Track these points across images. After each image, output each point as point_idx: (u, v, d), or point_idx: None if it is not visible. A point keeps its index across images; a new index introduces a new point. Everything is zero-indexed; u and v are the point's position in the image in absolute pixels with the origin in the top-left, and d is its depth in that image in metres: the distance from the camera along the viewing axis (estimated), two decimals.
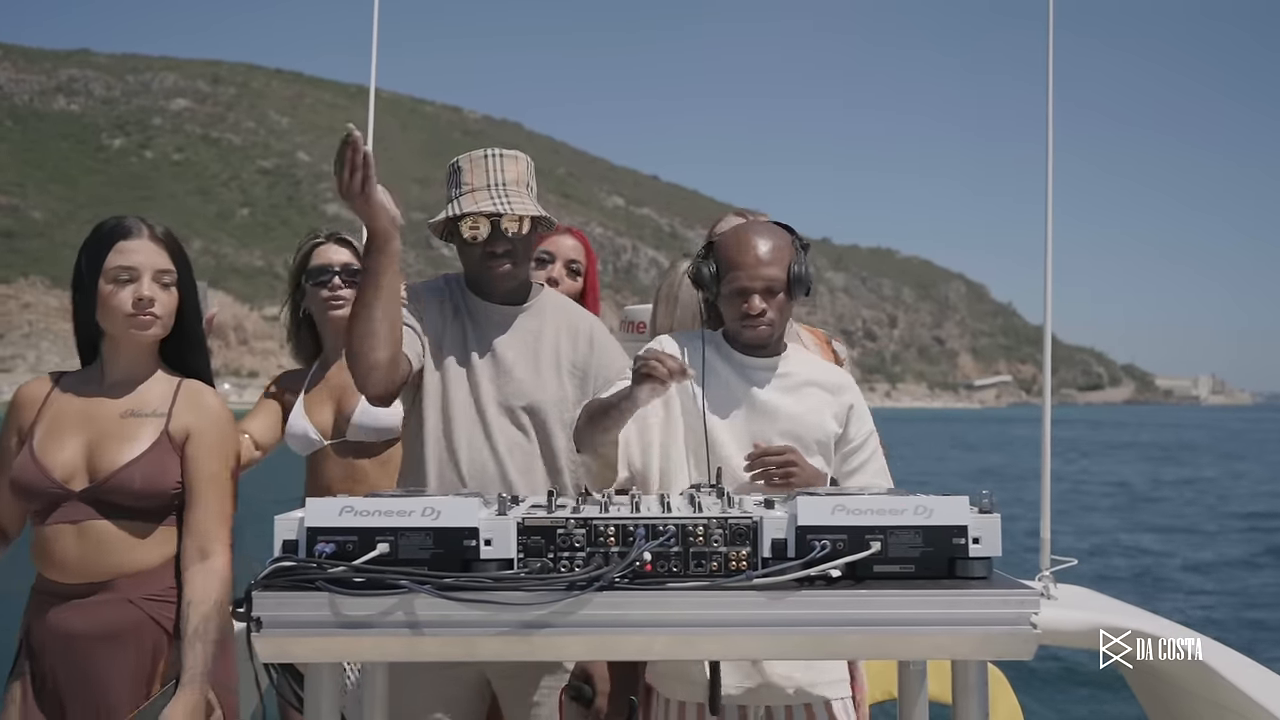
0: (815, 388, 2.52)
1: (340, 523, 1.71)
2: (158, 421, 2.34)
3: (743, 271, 2.41)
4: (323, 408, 3.13)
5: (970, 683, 1.79)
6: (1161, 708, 3.57)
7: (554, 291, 2.76)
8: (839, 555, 1.70)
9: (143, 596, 2.28)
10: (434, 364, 2.54)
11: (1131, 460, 54.97)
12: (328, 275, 3.12)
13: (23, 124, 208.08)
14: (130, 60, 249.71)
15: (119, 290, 2.30)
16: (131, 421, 2.33)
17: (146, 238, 2.33)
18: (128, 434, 2.31)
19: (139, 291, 2.30)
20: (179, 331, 2.41)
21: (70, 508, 2.26)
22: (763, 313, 2.42)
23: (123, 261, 2.30)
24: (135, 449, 2.30)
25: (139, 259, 2.31)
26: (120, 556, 2.27)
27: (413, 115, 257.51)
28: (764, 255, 2.41)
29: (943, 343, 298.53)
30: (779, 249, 2.43)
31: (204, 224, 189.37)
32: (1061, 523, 5.76)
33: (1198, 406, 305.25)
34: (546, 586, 1.67)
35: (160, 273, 2.33)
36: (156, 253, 2.33)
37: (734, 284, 2.43)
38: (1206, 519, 28.01)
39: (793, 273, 2.43)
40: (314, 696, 1.82)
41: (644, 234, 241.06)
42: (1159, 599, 16.17)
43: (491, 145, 2.97)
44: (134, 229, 2.32)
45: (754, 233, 2.45)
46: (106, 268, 2.30)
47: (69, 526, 2.26)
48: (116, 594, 2.25)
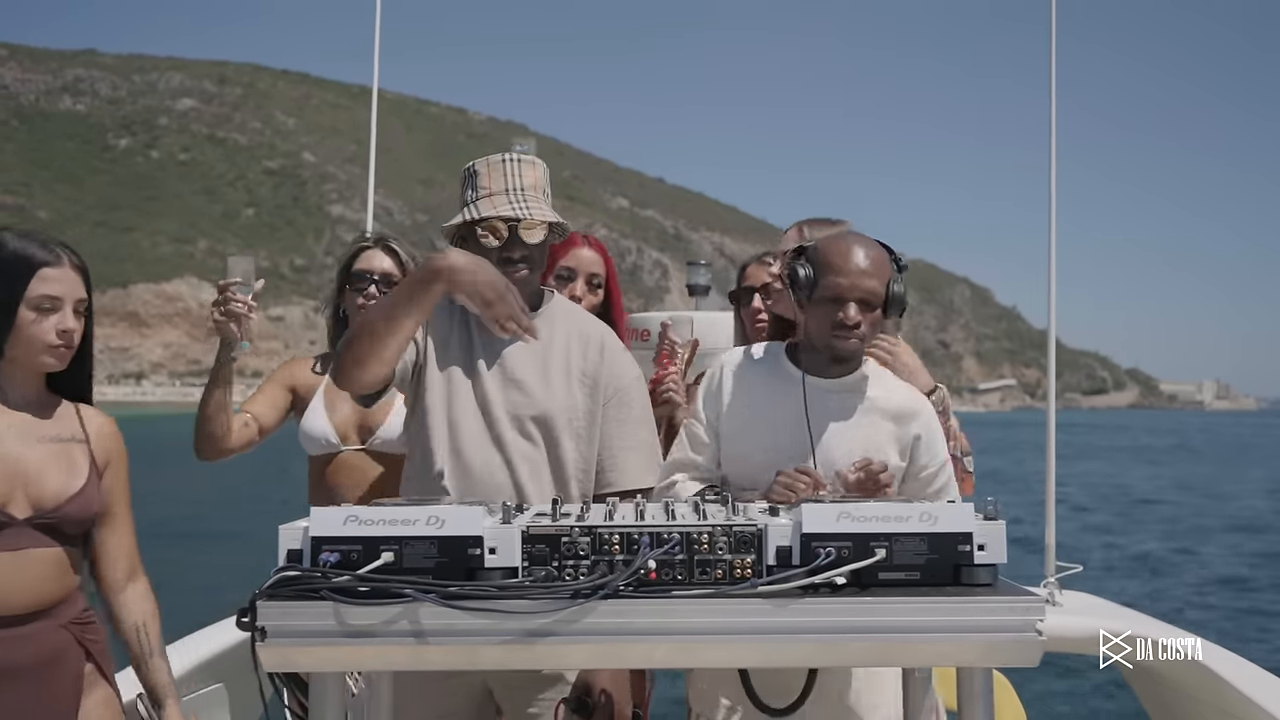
0: (881, 417, 2.44)
1: (345, 532, 1.71)
2: (83, 448, 2.32)
3: (844, 279, 2.34)
4: (343, 411, 3.10)
5: (976, 690, 1.78)
6: (1163, 709, 3.57)
7: (564, 298, 2.71)
8: (844, 562, 1.69)
9: (71, 620, 2.27)
10: (440, 370, 2.51)
11: (1133, 464, 55.04)
12: (365, 282, 3.11)
13: (29, 124, 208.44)
14: (136, 60, 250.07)
15: (41, 319, 2.24)
16: (61, 447, 2.29)
17: (69, 266, 2.28)
18: (64, 462, 2.28)
19: (63, 323, 2.26)
20: (76, 358, 2.36)
21: (11, 534, 2.19)
22: (858, 324, 2.35)
23: (47, 290, 2.24)
24: (77, 477, 2.28)
25: (62, 289, 2.26)
26: (55, 583, 2.24)
27: (418, 116, 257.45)
28: (866, 266, 2.35)
29: (947, 346, 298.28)
30: (881, 263, 2.37)
31: (209, 224, 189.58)
32: (1068, 521, 5.66)
33: (1202, 411, 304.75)
34: (551, 595, 1.67)
35: (79, 302, 2.30)
36: (76, 282, 2.29)
37: (831, 290, 2.36)
38: (1208, 523, 28.04)
39: (891, 291, 2.37)
40: (318, 706, 1.81)
41: (648, 236, 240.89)
42: (1162, 599, 16.21)
43: (495, 147, 2.96)
44: (58, 257, 2.27)
45: (858, 243, 2.38)
46: (29, 295, 2.23)
47: (6, 554, 2.17)
48: (51, 621, 2.23)
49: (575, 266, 3.11)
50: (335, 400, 3.12)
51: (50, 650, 2.23)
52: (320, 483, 3.10)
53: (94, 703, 2.30)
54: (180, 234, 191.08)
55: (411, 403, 2.57)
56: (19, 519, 2.19)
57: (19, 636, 2.20)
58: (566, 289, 3.05)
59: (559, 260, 3.09)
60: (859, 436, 2.41)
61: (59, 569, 2.25)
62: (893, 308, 2.38)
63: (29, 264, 2.23)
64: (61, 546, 2.25)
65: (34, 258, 2.24)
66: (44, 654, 2.22)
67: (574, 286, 3.09)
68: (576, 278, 3.11)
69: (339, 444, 3.08)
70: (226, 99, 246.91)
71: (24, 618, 2.20)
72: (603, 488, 2.53)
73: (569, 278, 3.10)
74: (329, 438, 3.08)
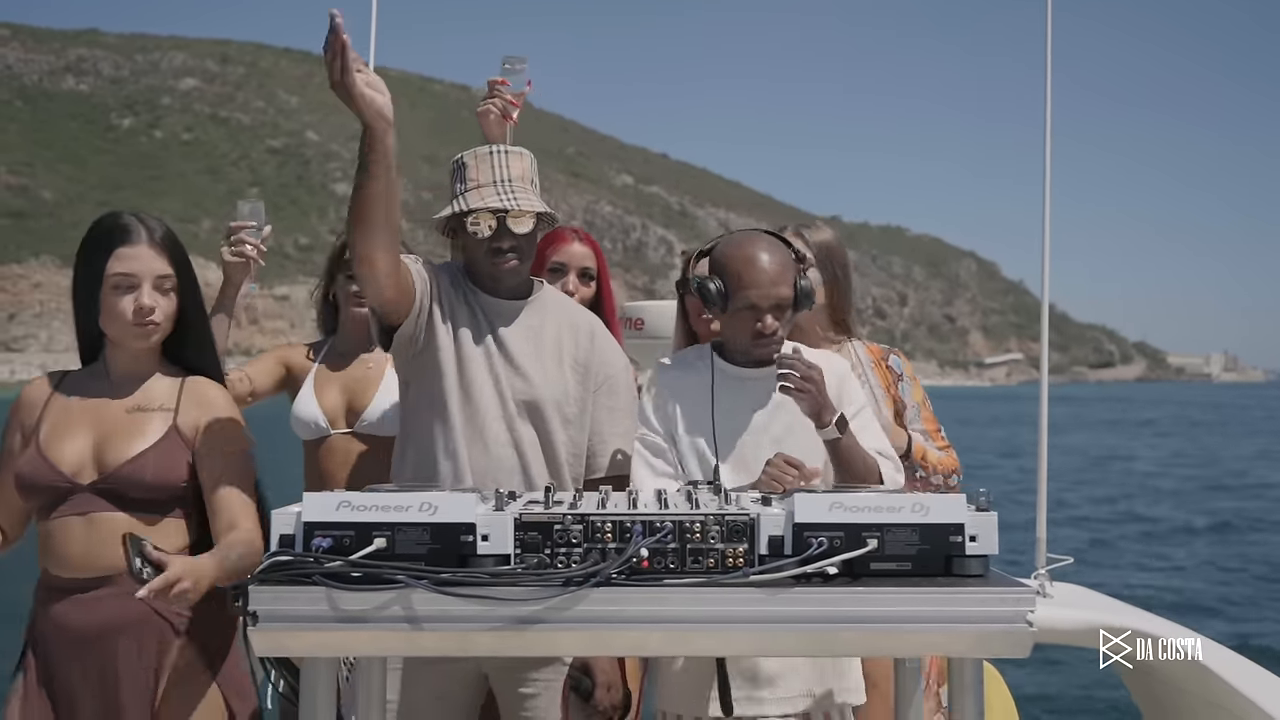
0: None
1: (337, 517, 1.72)
2: (165, 415, 2.36)
3: (754, 290, 2.42)
4: (332, 395, 3.15)
5: (966, 681, 1.79)
6: (1159, 708, 3.57)
7: (554, 289, 2.76)
8: (836, 552, 1.70)
9: None
10: (440, 350, 2.52)
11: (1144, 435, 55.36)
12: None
13: (32, 104, 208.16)
14: (139, 40, 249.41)
15: (120, 298, 2.30)
16: (139, 416, 2.34)
17: (145, 243, 2.32)
18: (135, 428, 2.33)
19: (139, 300, 2.30)
20: (181, 331, 2.41)
21: (78, 500, 2.27)
22: (775, 331, 2.44)
23: (122, 269, 2.30)
24: (144, 442, 2.31)
25: (138, 265, 2.31)
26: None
27: (421, 94, 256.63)
28: (774, 274, 2.43)
29: (953, 320, 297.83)
30: (785, 264, 2.45)
31: (214, 203, 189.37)
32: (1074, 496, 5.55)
33: (1210, 384, 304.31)
34: (543, 582, 1.68)
35: (160, 279, 2.33)
36: (155, 258, 2.33)
37: (744, 302, 2.44)
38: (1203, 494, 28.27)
39: (799, 288, 2.45)
40: (310, 691, 1.83)
41: (653, 212, 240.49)
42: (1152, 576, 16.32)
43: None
44: (133, 234, 2.32)
45: (758, 247, 2.46)
46: (107, 274, 2.30)
47: (76, 519, 2.26)
48: (122, 588, 2.23)
49: (567, 261, 3.14)
50: (324, 385, 3.17)
51: (121, 618, 2.25)
52: (313, 467, 3.15)
53: (182, 678, 2.29)
54: (184, 213, 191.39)
55: (407, 381, 2.59)
56: (83, 485, 2.26)
57: (89, 600, 2.25)
58: (559, 283, 3.06)
59: (550, 255, 3.11)
60: (786, 417, 2.46)
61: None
62: (803, 303, 2.46)
63: (107, 243, 2.31)
64: (134, 513, 2.27)
65: (112, 237, 2.31)
66: (115, 620, 2.25)
67: (566, 281, 3.11)
68: (569, 272, 3.13)
69: (328, 428, 3.12)
70: (229, 78, 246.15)
71: (94, 582, 2.25)
72: (591, 473, 2.59)
73: (561, 272, 3.12)
74: (318, 421, 3.12)
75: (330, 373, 3.21)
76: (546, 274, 3.04)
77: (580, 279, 3.15)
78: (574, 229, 3.22)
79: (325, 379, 3.19)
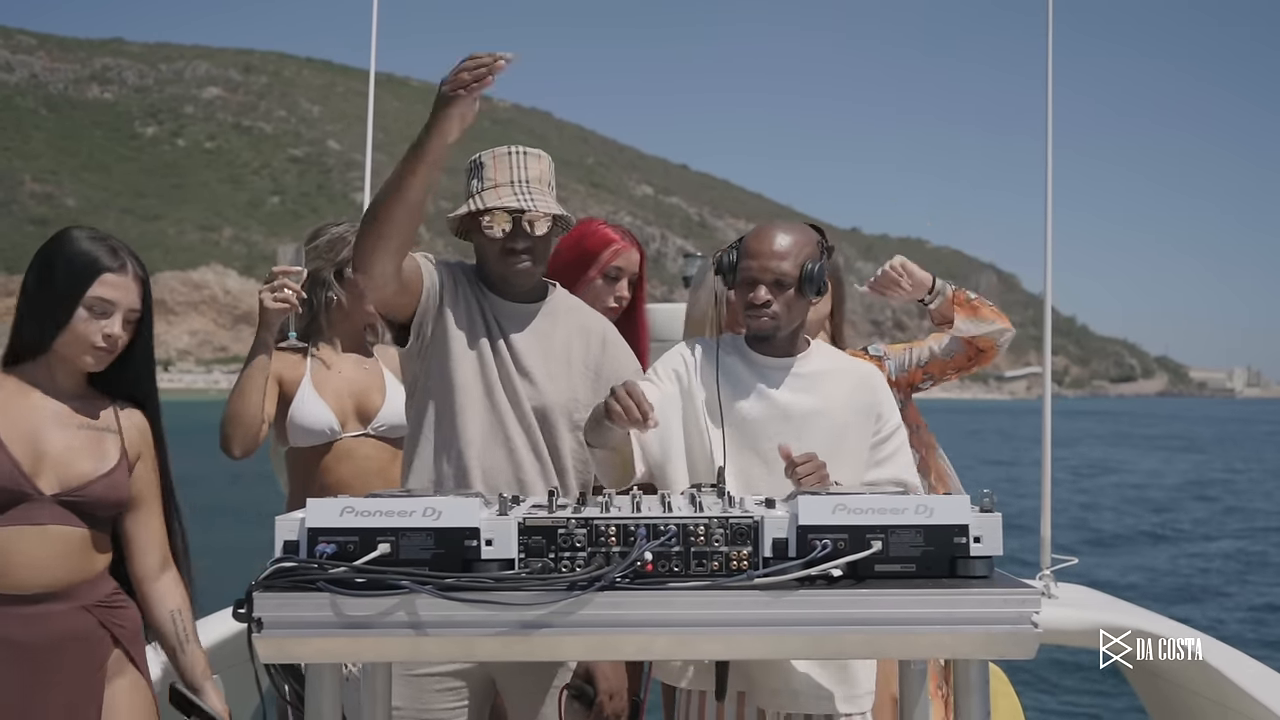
0: (835, 382, 2.50)
1: (341, 523, 1.71)
2: (115, 439, 2.36)
3: (755, 261, 2.43)
4: (339, 396, 3.00)
5: (971, 682, 1.78)
6: (1163, 706, 3.55)
7: (565, 291, 2.72)
8: (840, 555, 1.70)
9: (95, 603, 2.28)
10: (449, 353, 2.50)
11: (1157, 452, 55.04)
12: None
13: (57, 112, 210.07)
14: (163, 49, 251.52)
15: (91, 321, 2.28)
16: (93, 434, 2.33)
17: (130, 276, 2.32)
18: (95, 447, 2.32)
19: (110, 329, 2.29)
20: (125, 361, 2.38)
21: (35, 508, 2.21)
22: (767, 304, 2.42)
23: (105, 295, 2.28)
24: (107, 462, 2.31)
25: (119, 295, 2.30)
26: (77, 562, 2.25)
27: None
28: (779, 249, 2.42)
29: None
30: (798, 245, 2.44)
31: (235, 212, 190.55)
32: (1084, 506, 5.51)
33: (1232, 399, 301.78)
34: (547, 586, 1.67)
35: (130, 311, 2.33)
36: (134, 292, 2.33)
37: (745, 274, 2.45)
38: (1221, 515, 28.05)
39: (805, 270, 2.43)
40: (315, 697, 1.82)
41: (673, 223, 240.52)
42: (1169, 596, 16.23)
43: (520, 134, 2.95)
44: (122, 264, 2.31)
45: (776, 228, 2.48)
46: (88, 296, 2.27)
47: (31, 529, 2.20)
48: (70, 602, 2.23)
49: (624, 267, 3.04)
50: (326, 387, 3.01)
51: (68, 631, 2.23)
52: (314, 476, 2.97)
53: (120, 688, 2.30)
54: (206, 222, 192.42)
55: (414, 383, 2.57)
56: (46, 494, 2.22)
57: (37, 614, 2.21)
58: (614, 288, 3.01)
59: (609, 260, 3.01)
60: (819, 402, 2.47)
61: (82, 549, 2.26)
62: (807, 288, 2.43)
63: (95, 266, 2.28)
64: (87, 528, 2.27)
65: (100, 261, 2.29)
66: (61, 633, 2.23)
67: (620, 286, 3.03)
68: (622, 277, 3.04)
69: (340, 431, 2.97)
70: (252, 87, 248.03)
71: (42, 595, 2.22)
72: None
73: (616, 278, 3.03)
74: (331, 425, 2.95)
75: (326, 374, 3.03)
76: (601, 278, 2.99)
77: (630, 287, 3.07)
78: (627, 231, 3.12)
79: (325, 380, 3.01)
